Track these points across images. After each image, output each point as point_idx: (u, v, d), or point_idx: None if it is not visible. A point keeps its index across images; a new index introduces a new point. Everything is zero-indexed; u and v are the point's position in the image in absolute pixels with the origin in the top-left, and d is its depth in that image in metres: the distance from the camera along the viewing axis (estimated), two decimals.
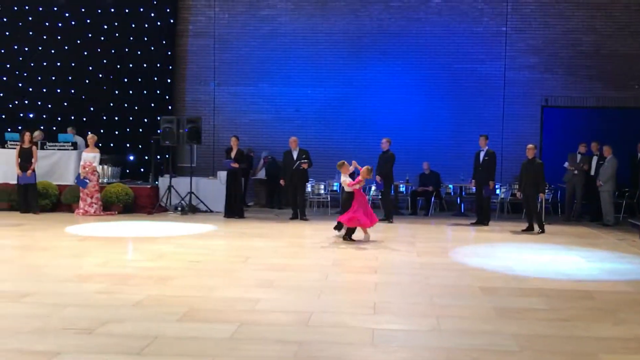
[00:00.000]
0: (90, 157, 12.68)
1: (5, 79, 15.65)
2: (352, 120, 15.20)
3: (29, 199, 12.38)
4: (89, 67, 15.44)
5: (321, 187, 14.35)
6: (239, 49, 15.46)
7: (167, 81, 15.48)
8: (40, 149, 13.19)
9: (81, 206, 12.52)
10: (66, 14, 15.51)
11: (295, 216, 12.47)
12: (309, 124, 15.17)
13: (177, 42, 15.59)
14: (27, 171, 12.33)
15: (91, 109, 15.48)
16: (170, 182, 13.29)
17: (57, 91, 15.53)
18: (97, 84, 15.41)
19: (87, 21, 15.49)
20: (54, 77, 15.55)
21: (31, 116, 15.60)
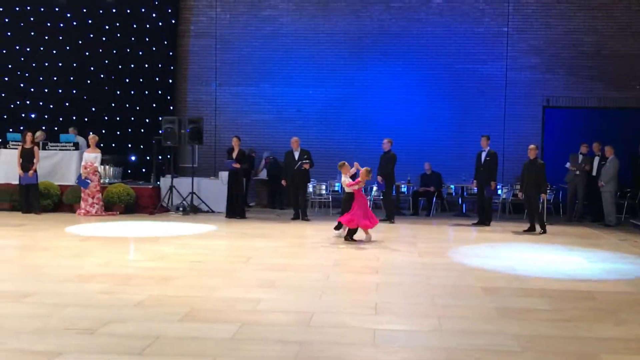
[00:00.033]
0: (91, 157, 12.69)
1: (7, 79, 15.66)
2: (354, 120, 15.21)
3: (30, 199, 12.39)
4: (91, 68, 15.47)
5: (322, 187, 14.35)
6: (240, 50, 15.47)
7: (169, 81, 15.49)
8: (41, 149, 13.21)
9: (83, 206, 12.53)
10: (68, 15, 15.54)
11: (296, 216, 12.47)
12: (311, 124, 15.19)
13: (178, 42, 15.61)
14: (28, 171, 12.33)
15: (93, 109, 15.50)
16: (171, 182, 13.30)
17: (59, 91, 15.56)
18: (98, 84, 15.42)
19: (89, 21, 15.51)
20: (55, 78, 15.57)
21: (33, 116, 15.62)
